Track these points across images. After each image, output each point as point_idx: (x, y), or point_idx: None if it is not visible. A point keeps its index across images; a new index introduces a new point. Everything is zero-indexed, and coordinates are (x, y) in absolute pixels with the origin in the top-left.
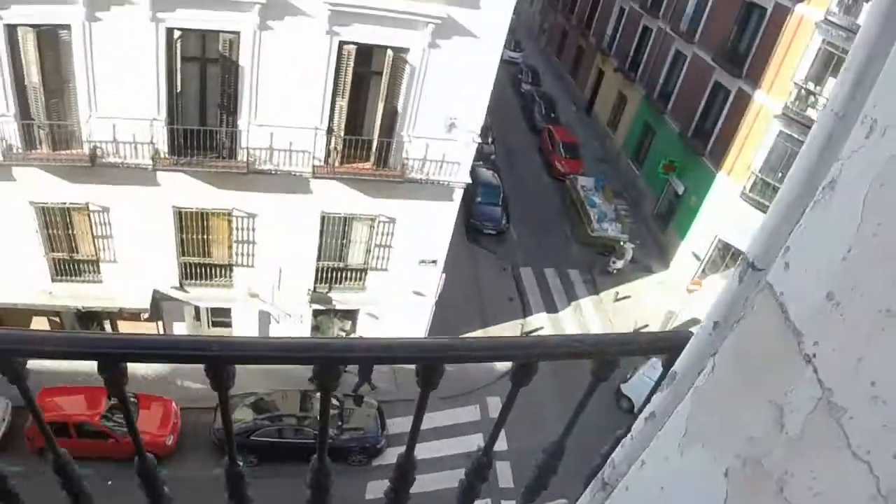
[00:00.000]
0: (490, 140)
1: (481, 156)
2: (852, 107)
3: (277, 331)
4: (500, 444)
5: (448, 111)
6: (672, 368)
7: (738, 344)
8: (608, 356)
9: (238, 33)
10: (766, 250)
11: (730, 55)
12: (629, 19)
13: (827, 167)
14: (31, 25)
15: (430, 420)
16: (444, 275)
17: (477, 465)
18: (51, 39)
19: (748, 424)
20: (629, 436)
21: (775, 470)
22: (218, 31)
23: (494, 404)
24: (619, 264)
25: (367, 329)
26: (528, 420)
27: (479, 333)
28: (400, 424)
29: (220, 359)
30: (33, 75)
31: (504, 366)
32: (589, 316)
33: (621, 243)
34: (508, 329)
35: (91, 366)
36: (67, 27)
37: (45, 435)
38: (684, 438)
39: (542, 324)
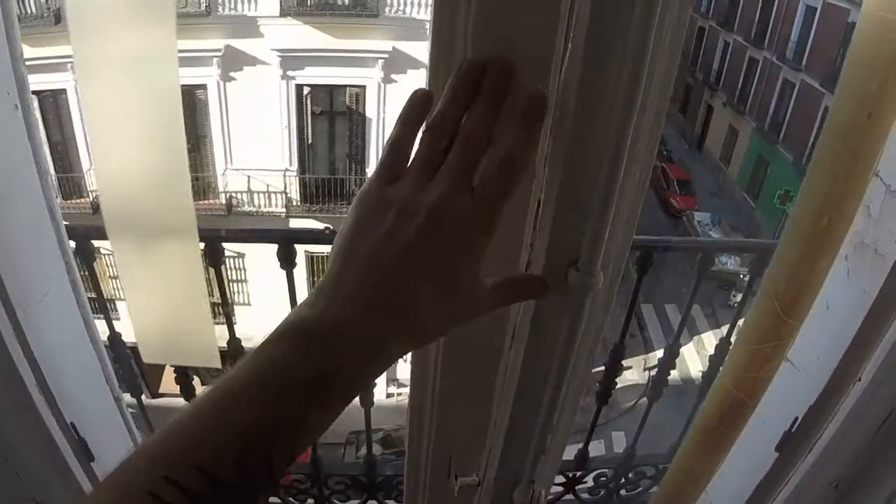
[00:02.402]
0: None
1: None
2: None
3: None
4: None
5: None
6: None
7: None
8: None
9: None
10: None
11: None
12: (734, 53)
13: None
14: None
15: None
16: None
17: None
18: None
19: (855, 224)
20: None
21: (870, 241)
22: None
23: (619, 438)
24: (740, 297)
25: None
26: None
27: (603, 368)
28: None
29: None
30: None
31: (628, 401)
32: (711, 349)
33: (741, 276)
34: (632, 363)
35: None
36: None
37: None
38: None
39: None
